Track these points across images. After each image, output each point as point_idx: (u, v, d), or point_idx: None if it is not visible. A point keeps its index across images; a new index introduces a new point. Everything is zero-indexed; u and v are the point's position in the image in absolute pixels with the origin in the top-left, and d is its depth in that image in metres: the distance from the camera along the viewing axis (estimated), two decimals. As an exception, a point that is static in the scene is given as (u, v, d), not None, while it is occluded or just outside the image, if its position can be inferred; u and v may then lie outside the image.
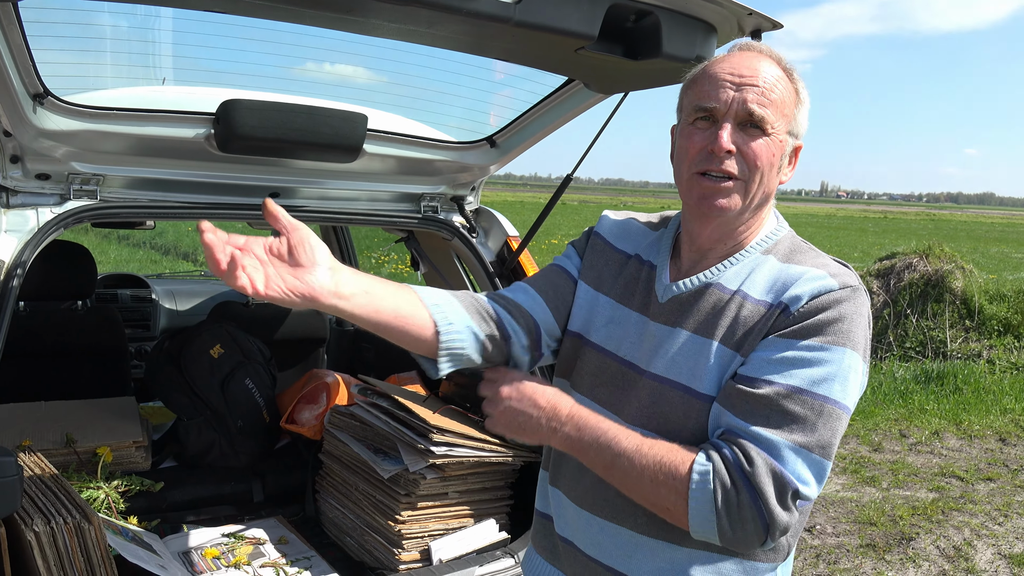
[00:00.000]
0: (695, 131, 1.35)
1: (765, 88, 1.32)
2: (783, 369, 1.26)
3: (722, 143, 1.31)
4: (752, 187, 1.34)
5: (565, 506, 1.50)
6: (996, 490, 5.35)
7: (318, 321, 3.89)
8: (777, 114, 1.33)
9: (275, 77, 2.44)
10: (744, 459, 1.24)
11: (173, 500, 2.76)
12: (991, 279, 11.11)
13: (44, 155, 2.16)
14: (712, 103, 1.33)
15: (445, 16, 1.60)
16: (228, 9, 1.72)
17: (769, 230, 1.43)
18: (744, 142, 1.32)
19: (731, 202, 1.34)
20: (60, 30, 1.94)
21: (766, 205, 1.41)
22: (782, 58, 1.38)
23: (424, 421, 2.46)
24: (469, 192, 2.83)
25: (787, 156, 1.38)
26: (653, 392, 1.38)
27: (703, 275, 1.41)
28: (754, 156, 1.32)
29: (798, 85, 1.37)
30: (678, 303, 1.41)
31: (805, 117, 1.39)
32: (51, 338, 3.27)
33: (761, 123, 1.31)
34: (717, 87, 1.33)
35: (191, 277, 6.31)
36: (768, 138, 1.32)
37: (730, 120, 1.32)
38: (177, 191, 2.41)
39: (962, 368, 8.11)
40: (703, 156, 1.33)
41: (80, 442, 2.70)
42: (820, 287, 1.30)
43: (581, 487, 1.47)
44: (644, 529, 1.38)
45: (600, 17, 1.68)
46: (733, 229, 1.40)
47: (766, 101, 1.31)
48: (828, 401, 1.25)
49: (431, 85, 2.45)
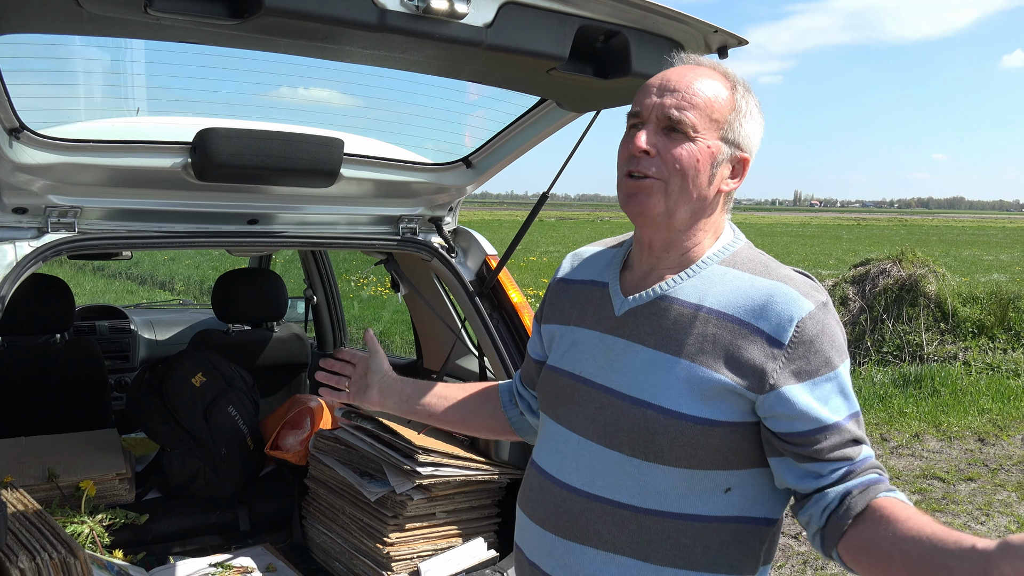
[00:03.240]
0: (626, 137, 1.40)
1: (688, 93, 1.34)
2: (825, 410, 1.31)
3: (638, 143, 1.34)
4: (672, 188, 1.34)
5: (530, 529, 1.49)
6: (977, 490, 5.42)
7: (300, 346, 3.89)
8: (702, 119, 1.34)
9: (250, 104, 2.46)
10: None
11: (158, 532, 2.74)
12: (964, 282, 11.28)
13: (21, 189, 2.15)
14: (637, 107, 1.38)
15: (418, 42, 1.63)
16: (202, 40, 1.73)
17: (725, 242, 1.43)
18: (665, 145, 1.34)
19: (651, 201, 1.35)
20: (34, 64, 1.95)
21: (706, 214, 1.40)
22: (728, 72, 1.41)
23: (409, 442, 2.47)
24: (447, 213, 2.85)
25: (721, 164, 1.37)
26: (599, 402, 1.40)
27: (657, 287, 1.41)
28: (673, 159, 1.34)
29: (741, 96, 1.38)
30: (634, 316, 1.41)
31: (753, 129, 1.40)
32: (30, 372, 3.25)
33: (681, 126, 1.33)
34: (645, 94, 1.38)
35: (169, 306, 6.27)
36: (691, 143, 1.34)
37: (651, 124, 1.35)
38: (156, 221, 2.42)
39: (939, 370, 8.20)
40: (628, 158, 1.37)
41: (63, 476, 2.68)
42: (799, 311, 1.31)
43: (544, 509, 1.45)
44: (610, 546, 1.37)
45: (570, 38, 1.71)
46: (675, 236, 1.40)
47: (687, 105, 1.33)
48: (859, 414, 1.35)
49: (406, 108, 2.48)
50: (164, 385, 3.05)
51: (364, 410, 2.79)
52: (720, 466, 1.34)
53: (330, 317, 4.36)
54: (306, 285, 4.46)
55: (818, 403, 1.30)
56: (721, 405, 1.32)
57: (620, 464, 1.37)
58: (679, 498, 1.35)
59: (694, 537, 1.35)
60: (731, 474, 1.36)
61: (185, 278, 16.66)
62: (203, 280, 15.61)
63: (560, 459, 1.45)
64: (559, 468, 1.44)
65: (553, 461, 1.46)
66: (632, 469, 1.36)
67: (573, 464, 1.42)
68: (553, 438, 1.48)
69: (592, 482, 1.39)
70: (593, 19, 1.72)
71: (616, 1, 1.70)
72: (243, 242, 2.56)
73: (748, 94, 1.40)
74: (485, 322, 2.69)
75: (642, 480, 1.35)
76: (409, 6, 1.52)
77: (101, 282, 17.15)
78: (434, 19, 1.55)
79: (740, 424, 1.33)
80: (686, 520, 1.35)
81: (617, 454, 1.37)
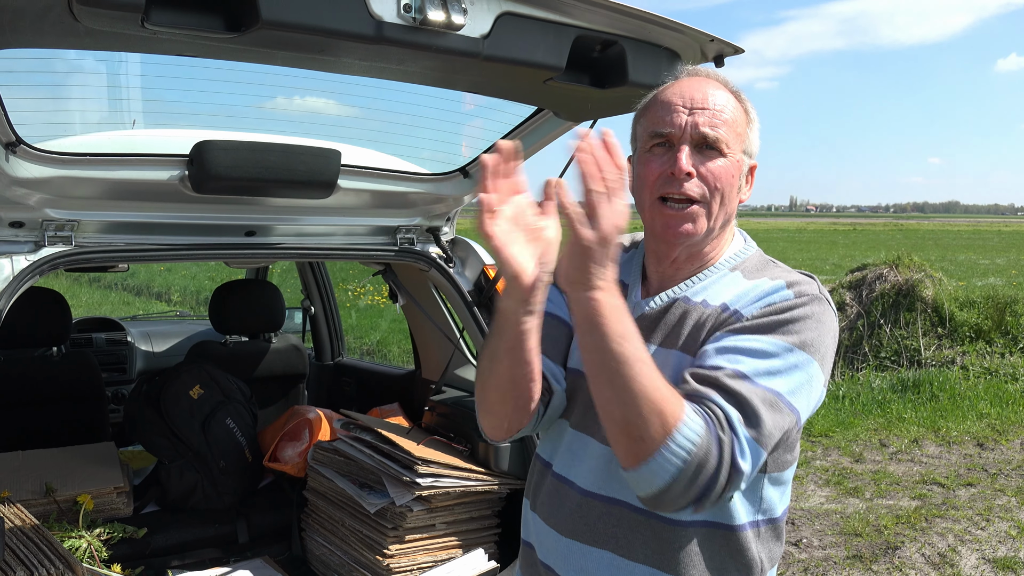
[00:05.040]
0: (652, 158, 1.37)
1: (716, 110, 1.35)
2: (730, 356, 1.27)
3: (681, 165, 1.33)
4: (714, 209, 1.36)
5: (545, 533, 1.50)
6: (977, 495, 5.41)
7: (298, 357, 3.88)
8: (731, 134, 1.36)
9: (247, 116, 2.46)
10: (725, 420, 1.21)
11: (157, 545, 2.72)
12: (960, 286, 11.29)
13: (18, 203, 2.15)
14: (667, 128, 1.36)
15: (415, 53, 1.63)
16: (199, 53, 1.73)
17: (737, 249, 1.47)
18: (702, 164, 1.35)
19: (696, 227, 1.36)
20: (31, 78, 1.95)
21: (729, 225, 1.45)
22: (728, 81, 1.43)
23: (408, 453, 2.46)
24: (444, 223, 2.85)
25: (744, 176, 1.42)
26: None
27: (671, 291, 1.44)
28: (714, 178, 1.35)
29: (747, 105, 1.42)
30: (648, 320, 1.43)
31: (757, 136, 1.43)
32: (27, 386, 3.24)
33: (717, 144, 1.35)
34: (670, 112, 1.36)
35: (166, 318, 6.26)
36: (725, 159, 1.36)
37: (687, 143, 1.35)
38: (152, 233, 2.41)
39: (937, 375, 8.21)
40: (663, 180, 1.36)
41: (60, 491, 2.67)
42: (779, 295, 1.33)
43: (561, 513, 1.46)
44: (626, 552, 1.38)
45: (567, 48, 1.71)
46: (700, 251, 1.43)
47: (719, 123, 1.35)
48: (770, 392, 1.25)
49: (403, 118, 2.48)
50: (161, 397, 3.04)
51: (362, 421, 2.78)
52: None
53: (328, 327, 4.35)
54: (303, 296, 4.45)
55: (744, 353, 1.26)
56: None
57: None
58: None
59: (704, 544, 1.37)
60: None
61: (182, 289, 16.64)
62: (200, 291, 15.59)
63: (576, 463, 1.46)
64: (575, 472, 1.45)
65: (569, 465, 1.47)
66: None
67: (588, 468, 1.43)
68: (568, 442, 1.48)
69: (608, 485, 1.40)
70: (590, 29, 1.73)
71: (612, 11, 1.70)
72: (240, 254, 2.56)
73: (749, 103, 1.43)
74: (484, 332, 2.69)
75: None
76: (406, 18, 1.52)
77: (98, 294, 17.12)
78: (431, 31, 1.55)
79: None
80: (697, 527, 1.37)
81: None
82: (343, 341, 4.40)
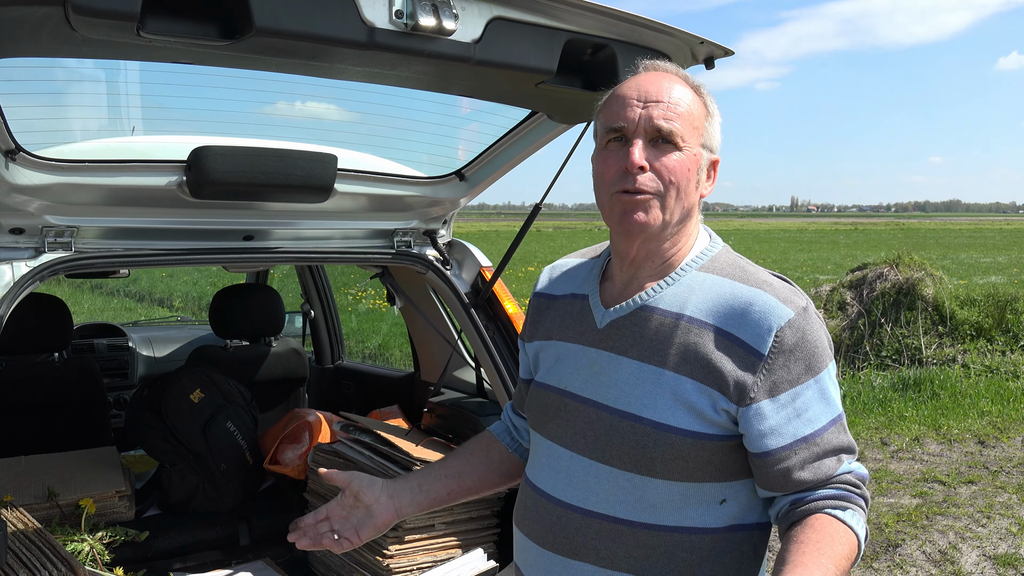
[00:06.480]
0: (608, 154, 1.37)
1: (671, 104, 1.34)
2: (798, 423, 1.32)
3: (634, 159, 1.32)
4: (670, 201, 1.34)
5: (528, 548, 1.48)
6: (978, 492, 5.42)
7: (298, 360, 3.90)
8: (687, 128, 1.34)
9: (244, 122, 2.48)
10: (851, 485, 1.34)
11: (159, 548, 2.74)
12: (961, 284, 11.29)
13: (18, 210, 2.17)
14: (621, 122, 1.35)
15: (407, 58, 1.65)
16: (195, 60, 1.75)
17: (702, 247, 1.44)
18: (656, 158, 1.33)
19: (651, 216, 1.34)
20: (29, 86, 1.97)
21: (689, 220, 1.41)
22: (688, 76, 1.42)
23: (407, 454, 2.48)
24: (441, 225, 2.87)
25: (703, 170, 1.39)
26: (587, 416, 1.40)
27: (638, 297, 1.40)
28: (668, 171, 1.33)
29: (706, 100, 1.40)
30: (616, 328, 1.41)
31: (717, 131, 1.41)
32: (28, 391, 3.25)
33: (671, 137, 1.33)
34: (625, 107, 1.35)
35: (167, 323, 6.29)
36: (681, 152, 1.34)
37: (640, 137, 1.33)
38: (152, 239, 2.43)
39: (938, 374, 8.22)
40: (619, 176, 1.35)
41: (62, 495, 2.69)
42: (779, 320, 1.31)
43: (540, 526, 1.45)
44: (607, 562, 1.37)
45: (558, 52, 1.73)
46: (659, 246, 1.40)
47: (673, 115, 1.33)
48: (841, 417, 1.36)
49: (398, 122, 2.50)
50: (163, 402, 3.06)
51: (362, 423, 2.80)
52: (714, 478, 1.35)
53: (328, 331, 4.37)
54: (303, 299, 4.47)
55: (795, 415, 1.31)
56: (709, 418, 1.32)
57: (613, 478, 1.36)
58: (674, 511, 1.35)
59: (691, 550, 1.35)
60: (725, 486, 1.36)
61: (183, 294, 16.67)
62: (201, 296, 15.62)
63: (553, 476, 1.44)
64: (553, 485, 1.44)
65: (547, 478, 1.45)
66: (626, 483, 1.35)
67: (566, 480, 1.42)
68: (545, 455, 1.47)
69: (586, 498, 1.39)
70: (580, 33, 1.74)
71: (602, 15, 1.72)
72: (239, 258, 2.58)
73: (709, 97, 1.41)
74: (481, 333, 2.71)
75: (636, 494, 1.35)
76: (397, 24, 1.54)
77: (99, 300, 17.14)
78: (422, 36, 1.57)
79: (730, 436, 1.34)
80: (682, 533, 1.35)
81: (610, 468, 1.36)
82: (343, 344, 4.42)
